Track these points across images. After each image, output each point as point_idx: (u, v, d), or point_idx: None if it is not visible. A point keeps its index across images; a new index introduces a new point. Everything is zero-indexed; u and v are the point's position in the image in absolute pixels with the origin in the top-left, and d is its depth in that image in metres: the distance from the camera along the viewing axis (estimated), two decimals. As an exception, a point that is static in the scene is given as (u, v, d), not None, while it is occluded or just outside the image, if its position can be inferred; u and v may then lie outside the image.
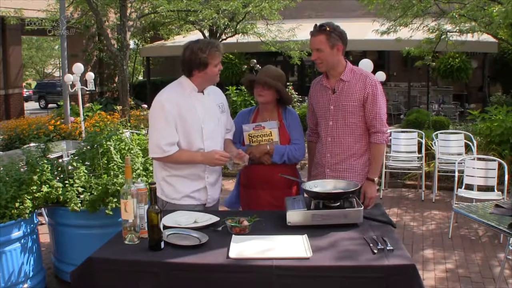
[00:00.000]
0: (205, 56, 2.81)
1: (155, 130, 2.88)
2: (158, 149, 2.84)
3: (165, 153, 2.83)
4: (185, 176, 2.95)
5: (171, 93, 2.93)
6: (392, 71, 17.75)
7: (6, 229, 3.49)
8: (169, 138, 2.83)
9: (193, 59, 2.83)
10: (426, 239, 5.15)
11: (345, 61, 3.08)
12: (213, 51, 2.83)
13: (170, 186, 2.97)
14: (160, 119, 2.85)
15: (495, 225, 3.08)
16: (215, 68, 2.88)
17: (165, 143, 2.82)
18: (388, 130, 3.09)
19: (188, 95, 2.92)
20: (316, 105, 3.20)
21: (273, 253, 2.18)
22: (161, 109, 2.85)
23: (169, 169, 2.96)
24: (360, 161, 3.09)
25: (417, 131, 7.44)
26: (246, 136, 3.25)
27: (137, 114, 10.27)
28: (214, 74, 2.90)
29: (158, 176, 3.02)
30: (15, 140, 8.23)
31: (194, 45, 2.85)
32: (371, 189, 3.05)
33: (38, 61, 35.87)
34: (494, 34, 10.13)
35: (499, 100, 12.51)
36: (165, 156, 2.85)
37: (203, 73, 2.87)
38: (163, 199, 3.01)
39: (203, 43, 2.87)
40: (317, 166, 3.23)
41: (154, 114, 2.89)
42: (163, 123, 2.83)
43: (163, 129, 2.84)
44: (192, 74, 2.90)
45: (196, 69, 2.86)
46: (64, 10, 9.26)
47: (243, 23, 13.28)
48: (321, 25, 2.97)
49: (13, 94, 16.87)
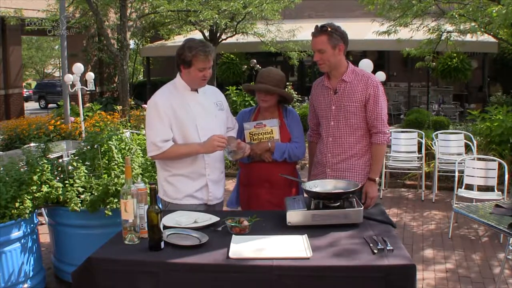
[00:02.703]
0: (190, 55, 2.83)
1: (150, 129, 2.92)
2: (154, 146, 2.87)
3: (160, 149, 2.85)
4: (186, 175, 2.95)
5: (164, 93, 2.97)
6: (392, 71, 17.76)
7: (6, 229, 3.49)
8: (163, 135, 2.86)
9: (180, 54, 2.88)
10: (426, 239, 5.15)
11: (346, 62, 3.09)
12: (198, 54, 2.82)
13: (172, 186, 2.97)
14: (153, 118, 2.89)
15: (495, 225, 3.08)
16: (199, 72, 2.86)
17: (159, 139, 2.85)
18: (389, 130, 3.10)
19: (181, 94, 2.95)
20: (317, 106, 3.21)
21: (273, 253, 2.18)
22: (154, 108, 2.90)
23: (170, 168, 2.97)
24: (361, 161, 3.09)
25: (417, 131, 7.44)
26: (247, 134, 3.26)
27: (137, 114, 10.26)
28: (197, 77, 2.88)
29: (160, 177, 3.04)
30: (15, 140, 8.23)
31: (187, 42, 2.90)
32: (372, 189, 3.05)
33: (38, 61, 35.86)
34: (494, 34, 10.13)
35: (499, 100, 12.50)
36: (162, 153, 2.87)
37: (187, 71, 2.90)
38: (165, 200, 3.02)
39: (195, 43, 2.88)
40: (317, 166, 3.24)
41: (148, 114, 2.95)
42: (157, 122, 2.87)
43: (156, 127, 2.88)
44: (180, 70, 2.94)
45: (182, 65, 2.90)
46: (64, 10, 9.26)
47: (243, 23, 13.28)
48: (323, 25, 2.96)
49: (13, 94, 16.88)
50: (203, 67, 2.86)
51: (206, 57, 2.84)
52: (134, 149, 4.13)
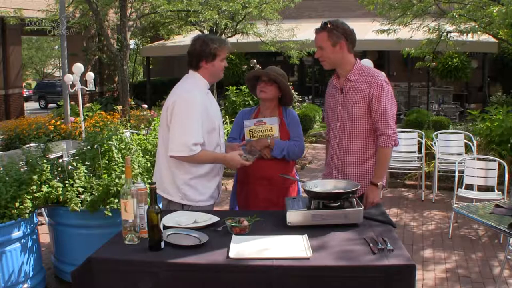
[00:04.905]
0: (216, 47, 2.84)
1: (184, 127, 2.77)
2: (185, 147, 2.74)
3: (191, 152, 2.74)
4: (205, 175, 2.92)
5: (196, 90, 2.86)
6: (392, 71, 17.74)
7: (6, 229, 3.49)
8: (198, 137, 2.77)
9: (204, 49, 2.84)
10: (426, 239, 5.15)
11: (354, 60, 3.00)
12: (223, 45, 2.88)
13: (193, 189, 2.89)
14: (191, 116, 2.76)
15: (495, 225, 3.08)
16: (221, 62, 2.91)
17: (193, 142, 2.75)
18: (395, 132, 2.93)
19: (205, 92, 2.94)
20: (327, 105, 3.17)
21: (273, 253, 2.18)
22: (192, 106, 2.77)
23: (192, 169, 2.86)
24: (367, 165, 2.99)
25: (417, 131, 7.44)
26: (247, 131, 3.28)
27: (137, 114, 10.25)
28: (220, 68, 2.92)
29: (178, 181, 2.88)
30: (15, 140, 8.22)
31: (205, 37, 2.92)
32: (373, 193, 2.94)
33: (38, 61, 35.86)
34: (494, 34, 10.12)
35: (499, 100, 12.50)
36: (189, 156, 2.76)
37: (210, 65, 2.87)
38: (184, 203, 2.89)
39: (211, 36, 2.95)
40: (326, 167, 3.22)
41: (184, 111, 2.78)
42: (194, 121, 2.76)
43: (193, 128, 2.76)
44: (200, 66, 2.88)
45: (205, 59, 2.86)
46: (64, 10, 9.25)
47: (243, 23, 13.29)
48: (325, 22, 2.92)
49: (13, 94, 16.87)
50: (224, 58, 2.92)
51: (228, 47, 2.91)
52: (134, 149, 4.13)
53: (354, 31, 2.98)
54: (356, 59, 3.03)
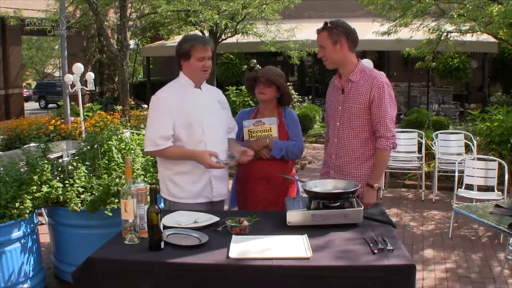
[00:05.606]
0: (188, 46, 2.88)
1: (150, 124, 2.94)
2: (151, 142, 2.88)
3: (157, 146, 2.86)
4: (189, 171, 2.93)
5: (169, 89, 3.00)
6: (392, 71, 17.73)
7: (6, 229, 3.49)
8: (162, 131, 2.86)
9: (178, 48, 2.94)
10: (426, 239, 5.15)
11: (357, 60, 2.99)
12: (196, 44, 2.89)
13: (176, 186, 2.97)
14: (155, 114, 2.92)
15: (495, 225, 3.07)
16: (199, 62, 2.90)
17: (158, 136, 2.86)
18: (394, 135, 2.92)
19: (186, 90, 2.97)
20: (327, 105, 3.18)
21: (273, 253, 2.18)
22: (157, 104, 2.92)
23: (172, 166, 2.96)
24: (364, 166, 2.99)
25: (417, 131, 7.44)
26: (246, 131, 3.28)
27: (137, 114, 10.25)
28: (197, 67, 2.92)
29: (163, 177, 3.03)
30: (15, 140, 8.22)
31: (184, 37, 3.00)
32: (368, 195, 2.93)
33: (38, 61, 35.88)
34: (494, 34, 10.12)
35: (499, 100, 12.51)
36: (158, 150, 2.88)
37: (187, 64, 2.92)
38: (169, 199, 3.00)
39: (191, 36, 3.01)
40: (324, 166, 3.22)
41: (150, 109, 2.98)
42: (158, 118, 2.89)
43: (157, 123, 2.89)
44: (181, 65, 2.97)
45: (182, 59, 2.93)
46: (64, 10, 9.25)
47: (243, 23, 13.28)
48: (325, 22, 2.93)
49: (13, 94, 16.87)
50: (202, 57, 2.90)
51: (204, 46, 2.89)
52: (134, 149, 4.13)
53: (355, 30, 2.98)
54: (359, 59, 3.02)
